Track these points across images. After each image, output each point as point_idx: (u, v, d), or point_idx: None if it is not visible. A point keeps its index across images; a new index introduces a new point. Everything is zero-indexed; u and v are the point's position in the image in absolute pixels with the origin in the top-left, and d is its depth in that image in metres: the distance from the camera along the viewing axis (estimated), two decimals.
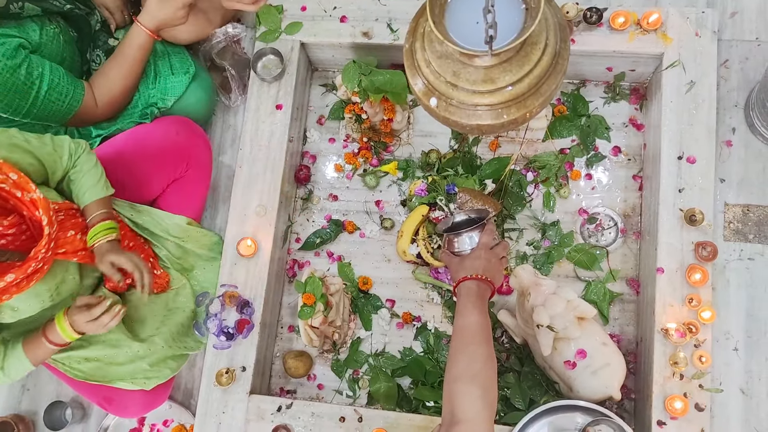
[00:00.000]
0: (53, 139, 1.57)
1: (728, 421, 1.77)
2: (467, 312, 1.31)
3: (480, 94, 1.14)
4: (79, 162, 1.61)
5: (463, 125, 1.18)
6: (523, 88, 1.13)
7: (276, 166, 1.93)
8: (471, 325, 1.29)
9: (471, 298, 1.34)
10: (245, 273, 1.87)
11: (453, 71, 1.14)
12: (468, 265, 1.40)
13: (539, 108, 1.16)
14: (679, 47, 1.83)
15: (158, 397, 1.85)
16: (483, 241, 1.45)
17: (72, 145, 1.59)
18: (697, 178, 1.77)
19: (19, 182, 1.40)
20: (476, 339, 1.27)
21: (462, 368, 1.23)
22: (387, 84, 1.85)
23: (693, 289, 1.72)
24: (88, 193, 1.61)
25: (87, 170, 1.61)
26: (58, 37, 1.71)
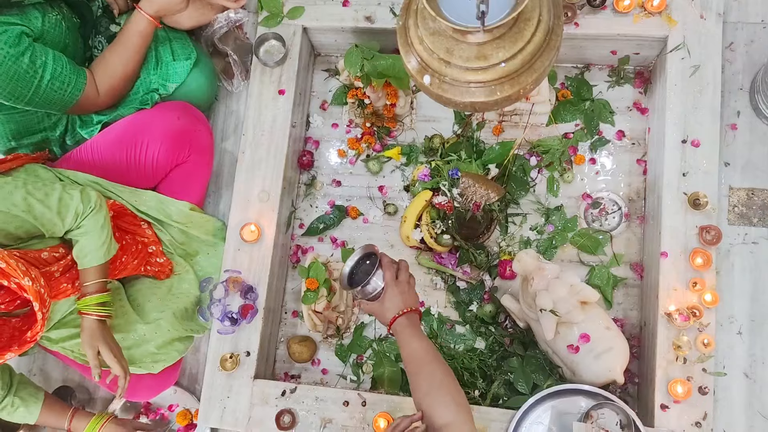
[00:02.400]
0: (60, 200, 1.51)
1: (731, 404, 1.77)
2: (409, 341, 1.40)
3: (473, 71, 1.13)
4: (84, 224, 1.56)
5: (457, 102, 1.18)
6: (516, 65, 1.12)
7: (279, 152, 1.93)
8: (416, 350, 1.38)
9: (406, 330, 1.42)
10: (249, 258, 1.88)
11: (446, 48, 1.14)
12: (389, 306, 1.46)
13: (533, 85, 1.15)
14: (683, 30, 1.81)
15: (166, 381, 1.86)
16: (388, 278, 1.49)
17: (80, 207, 1.53)
18: (701, 161, 1.76)
19: (6, 270, 1.36)
20: (426, 359, 1.36)
21: (425, 386, 1.32)
22: (390, 69, 1.84)
23: (697, 273, 1.72)
24: (89, 258, 1.58)
25: (92, 233, 1.57)
26: (60, 23, 1.70)
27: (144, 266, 1.83)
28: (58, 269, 1.56)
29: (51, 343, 1.72)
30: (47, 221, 1.49)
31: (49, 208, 1.48)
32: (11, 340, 1.45)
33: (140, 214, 1.83)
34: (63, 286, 1.59)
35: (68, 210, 1.52)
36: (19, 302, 1.45)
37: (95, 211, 1.57)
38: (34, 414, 1.65)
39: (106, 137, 1.81)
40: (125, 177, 1.81)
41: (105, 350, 1.61)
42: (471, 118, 2.02)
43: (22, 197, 1.44)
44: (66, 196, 1.52)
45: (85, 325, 1.60)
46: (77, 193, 1.54)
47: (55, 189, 1.51)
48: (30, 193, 1.46)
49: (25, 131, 1.83)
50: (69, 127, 1.90)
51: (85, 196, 1.55)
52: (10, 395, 1.62)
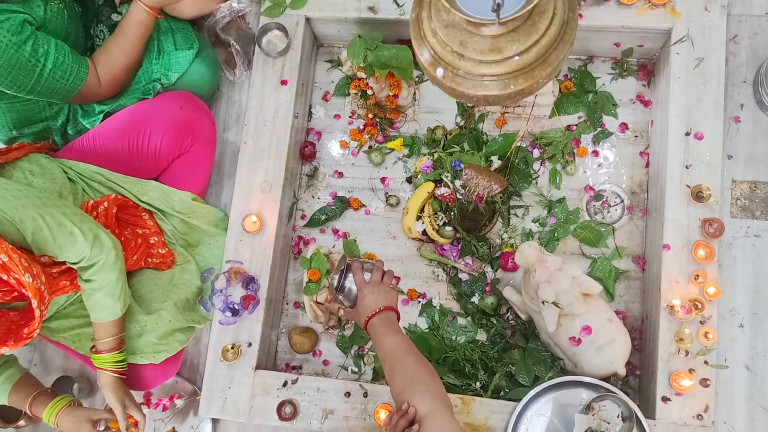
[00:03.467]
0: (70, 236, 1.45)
1: (733, 397, 1.78)
2: (382, 340, 1.43)
3: (487, 64, 1.13)
4: (97, 278, 1.53)
5: (470, 96, 1.17)
6: (530, 58, 1.12)
7: (281, 143, 1.93)
8: (389, 347, 1.40)
9: (378, 329, 1.45)
10: (250, 249, 1.87)
11: (460, 41, 1.13)
12: (361, 309, 1.51)
13: (546, 78, 1.15)
14: (687, 22, 1.81)
15: (168, 371, 1.85)
16: (358, 282, 1.54)
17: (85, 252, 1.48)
18: (704, 154, 1.76)
19: (8, 264, 1.34)
20: (398, 355, 1.38)
21: (400, 382, 1.33)
22: (393, 59, 1.83)
23: (699, 266, 1.72)
24: (104, 314, 1.59)
25: (107, 289, 1.55)
26: (62, 12, 1.70)
27: (144, 259, 1.82)
28: (58, 271, 1.55)
29: (52, 333, 1.72)
30: (42, 247, 1.44)
31: (54, 240, 1.43)
32: (7, 334, 1.44)
33: (142, 204, 1.83)
34: (62, 283, 1.58)
35: (73, 246, 1.46)
36: (17, 294, 1.44)
37: (109, 265, 1.53)
38: (3, 395, 1.64)
39: (108, 127, 1.81)
40: (127, 167, 1.81)
41: (130, 402, 1.65)
42: (474, 110, 2.01)
43: (32, 217, 1.40)
44: (77, 235, 1.46)
45: (105, 382, 1.63)
46: (90, 237, 1.49)
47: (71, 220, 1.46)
48: (42, 216, 1.41)
49: (26, 120, 1.82)
50: (71, 116, 1.89)
51: (97, 243, 1.50)
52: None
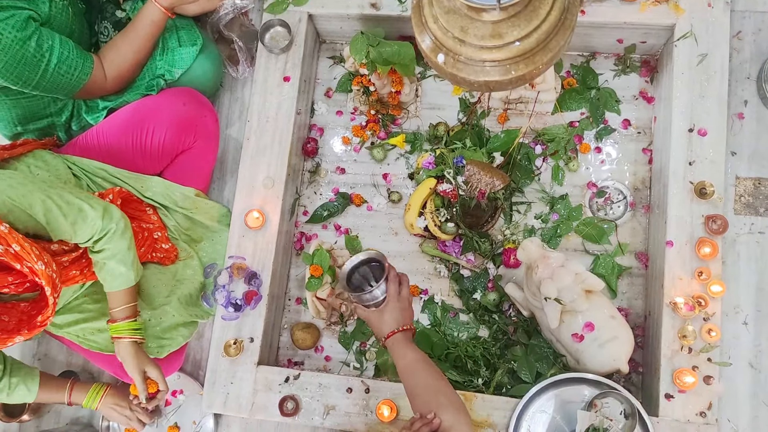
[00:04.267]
0: (80, 212, 1.46)
1: (736, 394, 1.77)
2: (403, 354, 1.45)
3: (488, 50, 1.13)
4: (108, 247, 1.53)
5: (471, 82, 1.17)
6: (531, 44, 1.12)
7: (283, 139, 1.93)
8: (410, 362, 1.43)
9: (401, 344, 1.47)
10: (253, 245, 1.88)
11: (461, 26, 1.13)
12: (388, 320, 1.51)
13: (547, 64, 1.15)
14: (691, 18, 1.80)
15: (171, 365, 1.86)
16: (392, 292, 1.53)
17: (98, 225, 1.49)
18: (708, 150, 1.75)
19: (20, 254, 1.34)
20: (419, 369, 1.41)
21: (425, 394, 1.37)
22: (395, 55, 1.84)
23: (702, 263, 1.71)
24: (118, 282, 1.59)
25: (119, 257, 1.56)
26: (67, 9, 1.70)
27: (150, 253, 1.83)
28: (68, 260, 1.56)
29: (56, 329, 1.73)
30: (57, 229, 1.45)
31: (65, 217, 1.43)
32: (20, 324, 1.45)
33: (146, 200, 1.84)
34: (72, 273, 1.59)
35: (85, 222, 1.47)
36: (28, 285, 1.45)
37: (119, 233, 1.54)
38: (33, 391, 1.68)
39: (112, 123, 1.81)
40: (131, 162, 1.81)
41: (152, 368, 1.66)
42: (476, 106, 2.01)
43: (41, 200, 1.40)
44: (87, 209, 1.47)
45: (123, 350, 1.63)
46: (99, 209, 1.50)
47: (78, 198, 1.47)
48: (50, 197, 1.42)
49: (31, 116, 1.83)
50: (75, 112, 1.90)
51: (107, 214, 1.51)
52: (6, 377, 1.63)
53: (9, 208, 1.36)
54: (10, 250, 1.33)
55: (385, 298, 1.52)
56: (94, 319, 1.72)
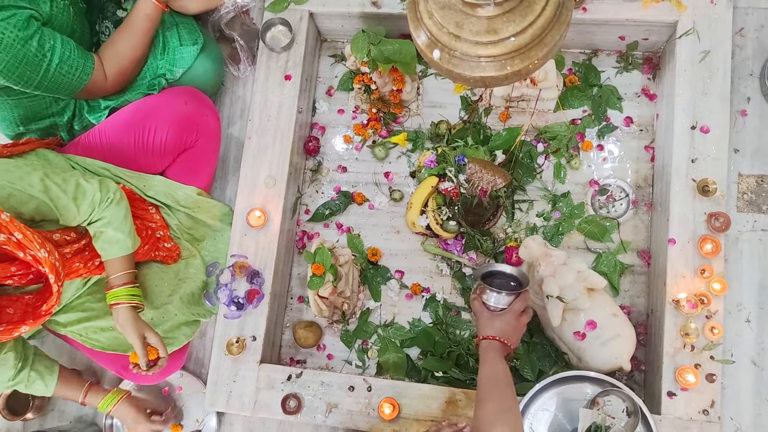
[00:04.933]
0: (78, 186, 1.51)
1: (739, 392, 1.76)
2: (494, 361, 1.44)
3: (483, 45, 1.12)
4: (105, 215, 1.55)
5: (467, 77, 1.17)
6: (526, 39, 1.11)
7: (285, 138, 1.93)
8: (499, 372, 1.42)
9: (496, 352, 1.47)
10: (255, 244, 1.88)
11: (456, 22, 1.13)
12: (498, 327, 1.50)
13: (543, 59, 1.15)
14: (693, 15, 1.80)
15: (174, 364, 1.87)
16: (516, 308, 1.53)
17: (97, 195, 1.53)
18: (710, 148, 1.75)
19: (23, 242, 1.35)
20: (504, 382, 1.40)
21: (494, 407, 1.35)
22: (396, 54, 1.83)
23: (705, 260, 1.71)
24: (115, 249, 1.59)
25: (116, 224, 1.57)
26: (68, 8, 1.70)
27: (153, 251, 1.83)
28: (71, 251, 1.57)
29: (60, 327, 1.73)
30: (62, 207, 1.48)
31: (65, 193, 1.47)
32: (25, 315, 1.45)
33: (148, 199, 1.84)
34: (75, 265, 1.59)
35: (85, 196, 1.51)
36: (32, 277, 1.46)
37: (116, 202, 1.56)
38: (50, 387, 1.69)
39: (114, 122, 1.81)
40: (133, 162, 1.81)
41: (151, 335, 1.65)
42: (477, 104, 2.01)
43: (39, 178, 1.44)
44: (84, 183, 1.51)
45: (121, 317, 1.62)
46: (95, 182, 1.54)
47: (73, 175, 1.51)
48: (47, 175, 1.46)
49: (33, 116, 1.84)
50: (77, 112, 1.90)
51: (103, 186, 1.55)
52: (26, 369, 1.64)
53: (9, 192, 1.38)
54: (12, 239, 1.34)
55: (503, 309, 1.53)
56: (96, 318, 1.73)
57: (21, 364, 1.63)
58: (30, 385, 1.66)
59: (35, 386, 1.67)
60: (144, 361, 1.64)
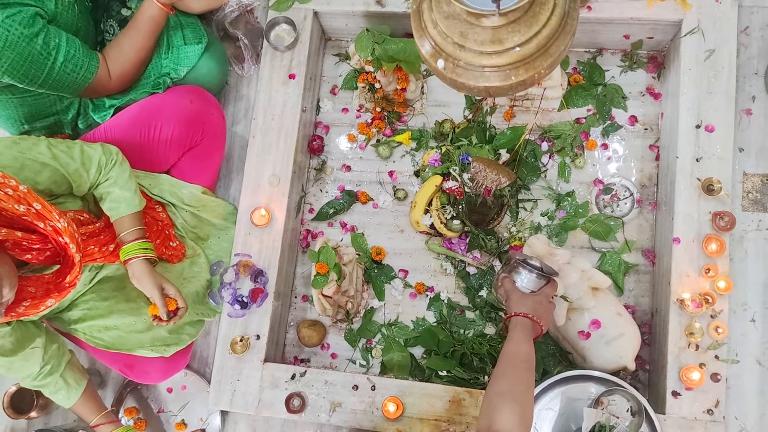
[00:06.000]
0: (83, 152, 1.55)
1: (744, 392, 1.76)
2: (520, 341, 1.39)
3: (488, 56, 1.13)
4: (111, 174, 1.60)
5: (471, 87, 1.17)
6: (531, 49, 1.12)
7: (289, 136, 1.93)
8: (522, 353, 1.37)
9: (526, 331, 1.42)
10: (259, 243, 1.88)
11: (460, 32, 1.13)
12: (531, 305, 1.47)
13: (548, 69, 1.15)
14: (698, 14, 1.79)
15: (178, 364, 1.87)
16: (548, 291, 1.52)
17: (102, 158, 1.58)
18: (715, 147, 1.74)
19: (42, 212, 1.38)
20: (524, 365, 1.35)
21: (507, 386, 1.30)
22: (400, 53, 1.83)
23: (710, 260, 1.70)
24: (123, 207, 1.61)
25: (120, 182, 1.61)
26: (73, 6, 1.70)
27: (163, 247, 1.83)
28: (86, 233, 1.58)
29: (64, 325, 1.74)
30: (73, 171, 1.53)
31: (72, 159, 1.53)
32: (48, 291, 1.47)
33: (153, 197, 1.84)
34: (90, 248, 1.60)
35: (91, 161, 1.56)
36: (49, 254, 1.47)
37: (119, 163, 1.62)
38: (72, 401, 1.69)
39: (119, 121, 1.82)
40: (138, 160, 1.81)
41: (169, 286, 1.67)
42: (482, 103, 2.01)
43: (46, 146, 1.49)
44: (88, 149, 1.57)
45: (137, 270, 1.62)
46: (98, 147, 1.59)
47: (76, 143, 1.56)
48: (52, 144, 1.51)
49: (37, 114, 1.84)
50: (81, 110, 1.90)
51: (105, 149, 1.60)
52: (57, 373, 1.65)
53: (21, 163, 1.43)
54: (32, 210, 1.37)
55: (532, 292, 1.52)
56: (101, 316, 1.72)
57: (51, 368, 1.64)
58: (55, 392, 1.67)
59: (59, 395, 1.68)
60: (164, 312, 1.65)
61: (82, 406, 1.72)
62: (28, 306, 1.43)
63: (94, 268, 1.68)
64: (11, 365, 1.59)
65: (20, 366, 1.60)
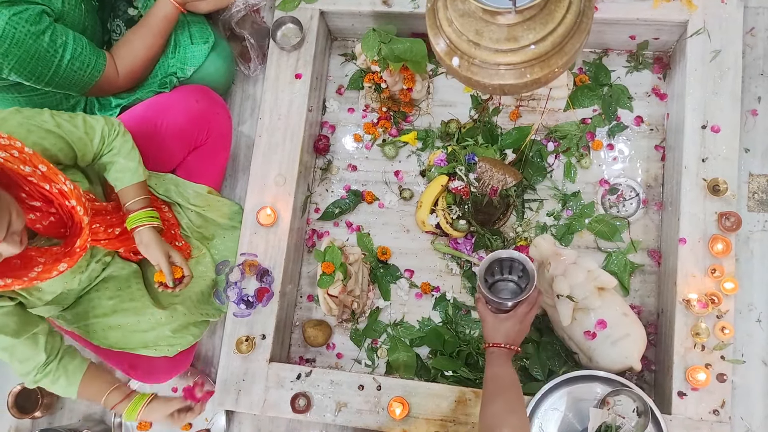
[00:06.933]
0: (85, 122, 1.56)
1: (750, 392, 1.76)
2: (500, 364, 1.43)
3: (503, 53, 1.13)
4: (115, 144, 1.60)
5: (486, 85, 1.17)
6: (546, 47, 1.12)
7: (295, 136, 1.93)
8: (506, 375, 1.41)
9: (500, 359, 1.45)
10: (265, 242, 1.88)
11: (476, 30, 1.13)
12: (501, 332, 1.48)
13: (563, 68, 1.15)
14: (704, 14, 1.80)
15: (181, 364, 1.87)
16: (521, 312, 1.49)
17: (105, 128, 1.58)
18: (721, 147, 1.75)
19: (48, 174, 1.38)
20: (510, 384, 1.39)
21: (500, 406, 1.34)
22: (407, 52, 1.83)
23: (716, 260, 1.70)
24: (128, 176, 1.62)
25: (124, 151, 1.61)
26: (80, 5, 1.71)
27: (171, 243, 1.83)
28: (91, 210, 1.57)
29: (67, 323, 1.74)
30: (77, 139, 1.53)
31: (76, 127, 1.53)
32: (58, 258, 1.45)
33: (159, 197, 1.84)
34: (95, 226, 1.59)
35: (94, 131, 1.56)
36: (53, 220, 1.46)
37: (122, 133, 1.62)
38: (74, 385, 1.61)
39: (125, 120, 1.80)
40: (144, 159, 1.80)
41: (175, 254, 1.67)
42: (488, 103, 2.01)
43: (50, 114, 1.49)
44: (90, 119, 1.57)
45: (145, 237, 1.63)
46: (101, 118, 1.59)
47: (78, 114, 1.57)
48: (56, 114, 1.51)
49: None
50: (87, 109, 1.91)
51: (108, 120, 1.60)
52: (55, 362, 1.59)
53: (27, 129, 1.43)
54: (37, 171, 1.37)
55: (509, 311, 1.49)
56: (105, 315, 1.72)
57: (51, 357, 1.58)
58: (55, 381, 1.60)
59: (59, 383, 1.60)
60: (170, 279, 1.65)
61: (88, 388, 1.63)
62: (41, 271, 1.41)
63: (100, 264, 1.68)
64: (14, 350, 1.54)
65: (23, 352, 1.55)
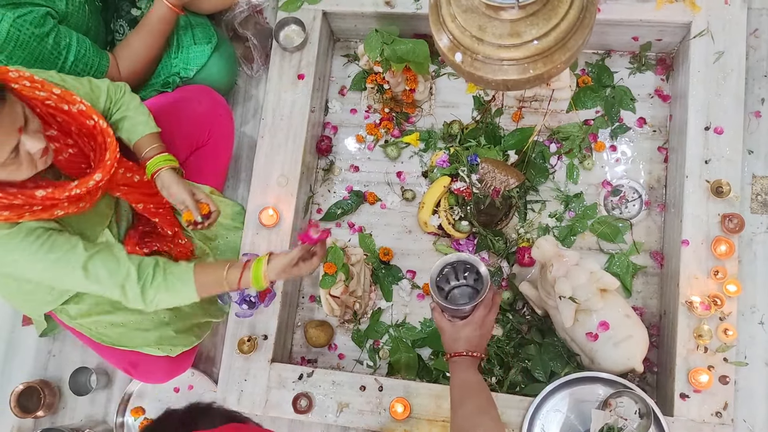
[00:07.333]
0: (91, 81, 1.59)
1: (752, 394, 1.76)
2: (465, 372, 1.39)
3: (506, 49, 1.13)
4: (123, 102, 1.64)
5: (489, 81, 1.17)
6: (549, 43, 1.11)
7: (297, 137, 1.93)
8: (473, 380, 1.37)
9: (463, 366, 1.40)
10: (267, 242, 1.88)
11: (479, 25, 1.13)
12: (462, 341, 1.41)
13: (565, 63, 1.15)
14: (707, 16, 1.79)
15: (182, 364, 1.87)
16: (478, 316, 1.41)
17: (111, 87, 1.62)
18: (724, 149, 1.74)
19: (63, 95, 1.42)
20: (478, 387, 1.36)
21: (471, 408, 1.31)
22: (409, 53, 1.83)
23: (718, 262, 1.70)
24: (140, 128, 1.64)
25: (134, 107, 1.64)
26: (83, 6, 1.71)
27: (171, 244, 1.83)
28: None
29: (69, 319, 1.73)
30: (84, 95, 1.53)
31: (81, 84, 1.56)
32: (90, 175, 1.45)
33: None
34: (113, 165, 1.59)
35: (100, 90, 1.59)
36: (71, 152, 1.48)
37: (128, 92, 1.66)
38: (190, 282, 1.51)
39: None
40: None
41: (199, 191, 1.69)
42: (490, 104, 2.01)
43: (56, 71, 1.52)
44: (95, 80, 1.61)
45: (166, 179, 1.63)
46: (106, 79, 1.64)
47: (84, 77, 1.60)
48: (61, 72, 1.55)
49: None
50: None
51: (113, 82, 1.64)
52: (151, 266, 1.51)
53: None
54: (53, 95, 1.40)
55: (467, 316, 1.42)
56: (107, 312, 1.72)
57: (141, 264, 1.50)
58: (168, 285, 1.50)
59: (174, 288, 1.50)
60: (198, 214, 1.66)
61: (204, 279, 1.52)
62: (78, 184, 1.42)
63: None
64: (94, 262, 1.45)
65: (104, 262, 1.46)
